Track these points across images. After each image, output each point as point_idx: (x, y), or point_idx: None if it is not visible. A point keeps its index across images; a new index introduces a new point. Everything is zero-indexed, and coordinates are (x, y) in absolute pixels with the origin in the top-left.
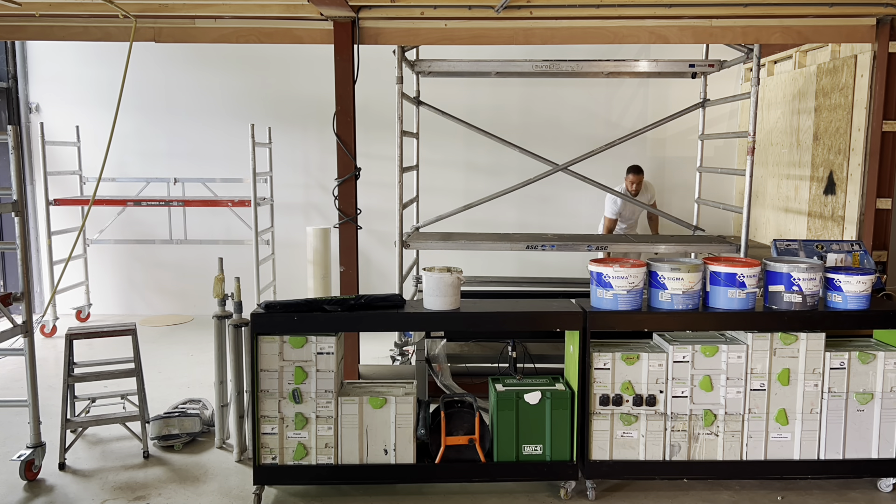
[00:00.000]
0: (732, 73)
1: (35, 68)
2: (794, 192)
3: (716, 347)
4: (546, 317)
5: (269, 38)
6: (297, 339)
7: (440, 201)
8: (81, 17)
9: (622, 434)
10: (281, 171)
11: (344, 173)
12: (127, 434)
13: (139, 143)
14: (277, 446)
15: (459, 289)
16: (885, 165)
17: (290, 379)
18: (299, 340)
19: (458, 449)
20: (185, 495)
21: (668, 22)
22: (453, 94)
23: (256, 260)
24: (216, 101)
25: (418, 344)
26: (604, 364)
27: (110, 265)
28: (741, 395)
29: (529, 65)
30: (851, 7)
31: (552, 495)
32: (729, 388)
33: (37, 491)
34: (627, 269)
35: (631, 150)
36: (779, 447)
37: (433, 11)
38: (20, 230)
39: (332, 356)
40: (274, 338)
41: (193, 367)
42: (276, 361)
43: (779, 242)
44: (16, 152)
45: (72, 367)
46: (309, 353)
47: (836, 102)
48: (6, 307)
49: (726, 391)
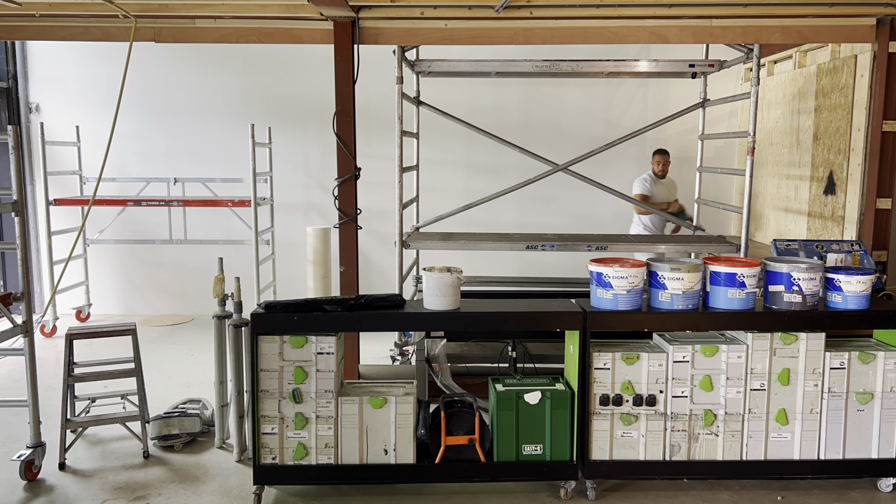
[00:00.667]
0: (732, 73)
1: (35, 68)
2: (794, 192)
3: (716, 347)
4: (546, 317)
5: (269, 38)
6: (297, 339)
7: (440, 201)
8: (81, 17)
9: (622, 434)
10: (281, 171)
11: (344, 173)
12: (127, 434)
13: (139, 143)
14: (277, 446)
15: (459, 289)
16: (885, 165)
17: (290, 379)
18: (299, 340)
19: (458, 449)
20: (185, 495)
21: (668, 22)
22: (453, 94)
23: (256, 260)
24: (216, 100)
25: (418, 344)
26: (604, 364)
27: (110, 265)
28: (741, 395)
29: (529, 65)
30: (851, 7)
31: (552, 495)
32: (729, 388)
33: (37, 491)
34: (627, 269)
35: (631, 150)
36: (779, 447)
37: (433, 11)
38: (20, 230)
39: (332, 356)
40: (274, 338)
41: (193, 367)
42: (276, 361)
43: (779, 242)
44: (16, 152)
45: (72, 367)
46: (309, 353)
47: (836, 102)
48: (6, 307)
49: (726, 391)
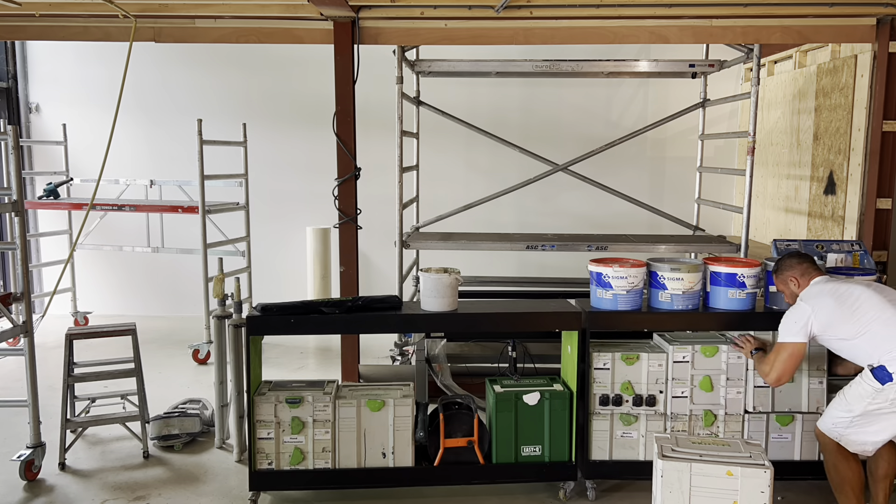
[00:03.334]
0: (732, 73)
1: (35, 68)
2: (794, 192)
3: (716, 348)
4: (544, 317)
5: (269, 38)
6: None
7: (440, 201)
8: (81, 17)
9: (622, 434)
10: (282, 171)
11: (344, 173)
12: (127, 434)
13: (138, 144)
14: (274, 451)
15: (457, 290)
16: (885, 165)
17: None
18: None
19: (456, 451)
20: (185, 495)
21: (668, 22)
22: (453, 94)
23: (205, 274)
24: (216, 101)
25: (418, 344)
26: (603, 364)
27: (110, 265)
28: (741, 395)
29: (529, 65)
30: (851, 7)
31: (552, 496)
32: (729, 388)
33: (37, 491)
34: (627, 270)
35: (631, 150)
36: (779, 448)
37: (433, 11)
38: (20, 230)
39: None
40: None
41: (193, 368)
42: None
43: (779, 242)
44: (15, 152)
45: (72, 368)
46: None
47: (836, 102)
48: (6, 307)
49: (726, 391)
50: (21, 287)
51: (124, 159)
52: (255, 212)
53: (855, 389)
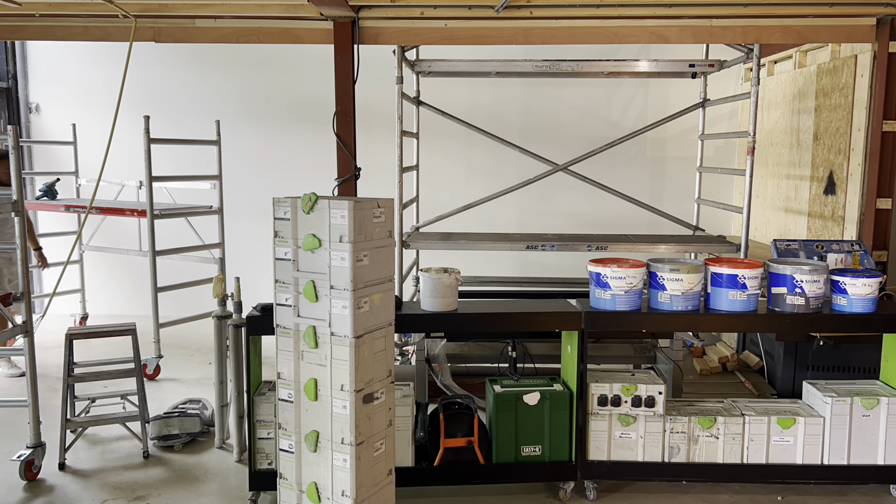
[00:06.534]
0: (732, 73)
1: (35, 68)
2: (794, 192)
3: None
4: (543, 317)
5: (269, 38)
6: None
7: (440, 201)
8: (81, 17)
9: (620, 435)
10: (282, 171)
11: (344, 173)
12: (127, 434)
13: (135, 144)
14: (274, 451)
15: (457, 290)
16: (885, 165)
17: None
18: None
19: (456, 451)
20: (185, 495)
21: (668, 22)
22: (453, 94)
23: (153, 286)
24: (216, 101)
25: (418, 344)
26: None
27: (109, 265)
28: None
29: (529, 65)
30: (851, 7)
31: (551, 496)
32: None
33: (37, 491)
34: (625, 270)
35: (631, 150)
36: (781, 451)
37: (433, 11)
38: (20, 230)
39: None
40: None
41: (193, 368)
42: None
43: (779, 242)
44: (15, 152)
45: (72, 368)
46: None
47: (836, 102)
48: (6, 307)
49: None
50: (21, 287)
51: (124, 160)
52: (256, 212)
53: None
